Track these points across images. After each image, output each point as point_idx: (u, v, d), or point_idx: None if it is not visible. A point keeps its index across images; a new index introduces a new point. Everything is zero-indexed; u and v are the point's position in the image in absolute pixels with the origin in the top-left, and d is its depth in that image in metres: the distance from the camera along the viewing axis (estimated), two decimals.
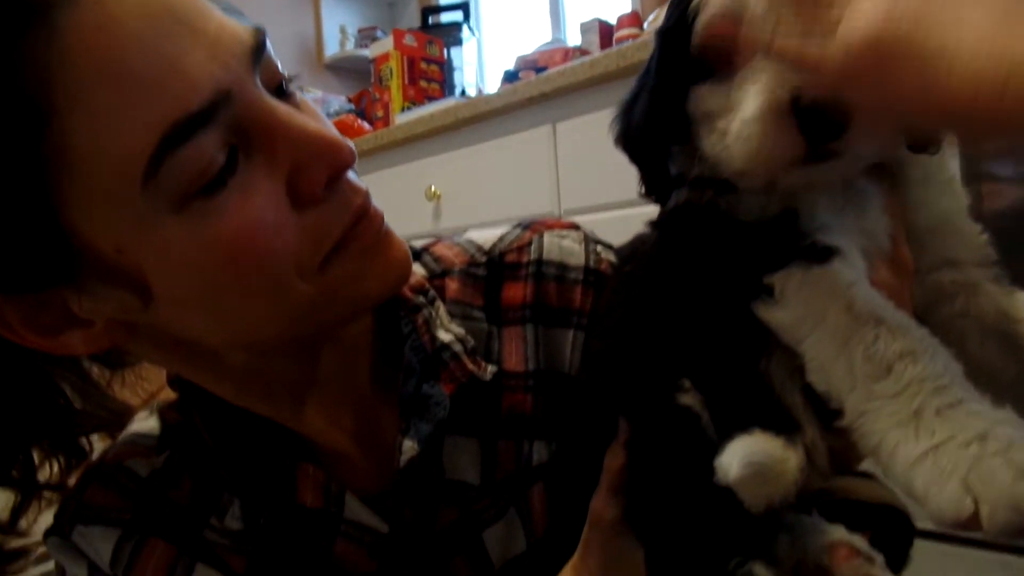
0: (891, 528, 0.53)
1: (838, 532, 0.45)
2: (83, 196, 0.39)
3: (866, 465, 0.53)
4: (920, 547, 1.08)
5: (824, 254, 0.42)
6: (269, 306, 0.46)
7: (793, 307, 0.42)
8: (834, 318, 0.40)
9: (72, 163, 0.38)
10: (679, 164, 0.51)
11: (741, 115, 0.41)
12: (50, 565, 0.61)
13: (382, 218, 0.50)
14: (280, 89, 0.46)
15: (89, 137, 0.38)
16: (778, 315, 0.43)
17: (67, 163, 0.38)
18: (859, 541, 0.44)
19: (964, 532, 0.32)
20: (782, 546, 0.45)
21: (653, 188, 0.53)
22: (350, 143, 0.47)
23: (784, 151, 0.40)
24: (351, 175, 0.48)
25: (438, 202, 2.00)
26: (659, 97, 0.49)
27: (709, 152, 0.46)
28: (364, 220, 0.48)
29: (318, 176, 0.45)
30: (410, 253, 0.53)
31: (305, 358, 0.55)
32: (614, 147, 0.54)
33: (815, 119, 0.38)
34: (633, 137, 0.51)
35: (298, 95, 0.48)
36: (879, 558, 0.43)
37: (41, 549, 0.58)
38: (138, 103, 0.38)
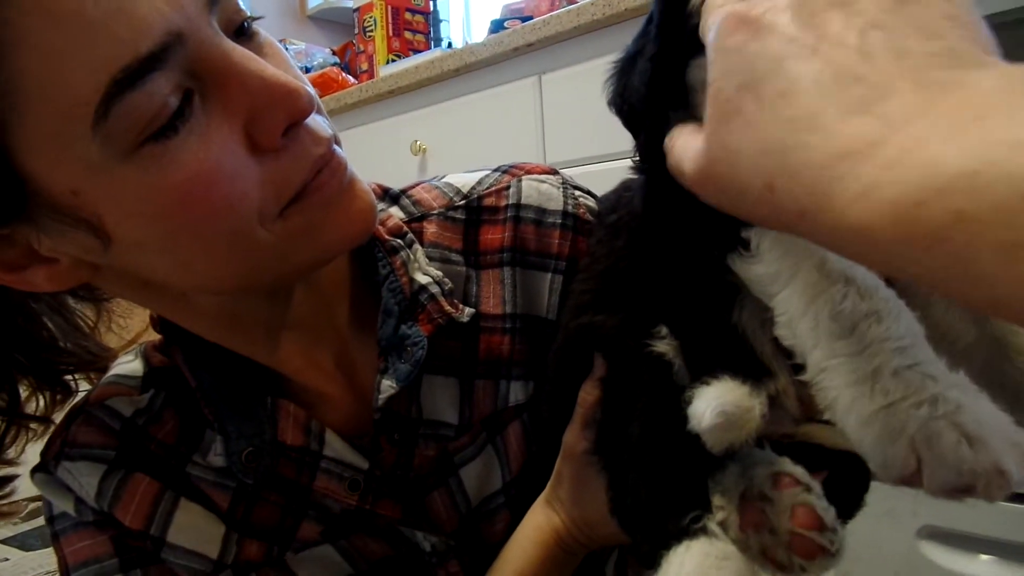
0: (849, 473, 0.55)
1: (784, 463, 0.46)
2: (34, 138, 0.39)
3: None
4: (892, 490, 1.12)
5: None
6: (229, 253, 0.45)
7: (767, 262, 0.43)
8: (805, 275, 0.40)
9: (21, 104, 0.37)
10: None
11: None
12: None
13: (345, 167, 0.49)
14: (241, 29, 0.45)
15: (37, 79, 0.37)
16: (752, 269, 0.44)
17: (16, 104, 0.37)
18: (800, 471, 0.45)
19: (907, 488, 0.34)
20: (731, 475, 0.46)
21: (649, 157, 0.53)
22: (311, 89, 0.46)
23: None
24: (315, 123, 0.47)
25: (423, 156, 1.98)
26: (660, 64, 0.48)
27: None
28: (326, 170, 0.47)
29: (275, 123, 0.44)
30: (375, 203, 0.52)
31: (278, 300, 0.55)
32: (600, 100, 0.53)
33: None
34: (630, 103, 0.50)
35: (262, 36, 0.47)
36: (817, 487, 0.45)
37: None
38: (86, 45, 0.37)
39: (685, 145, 0.36)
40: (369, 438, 0.59)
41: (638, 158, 0.53)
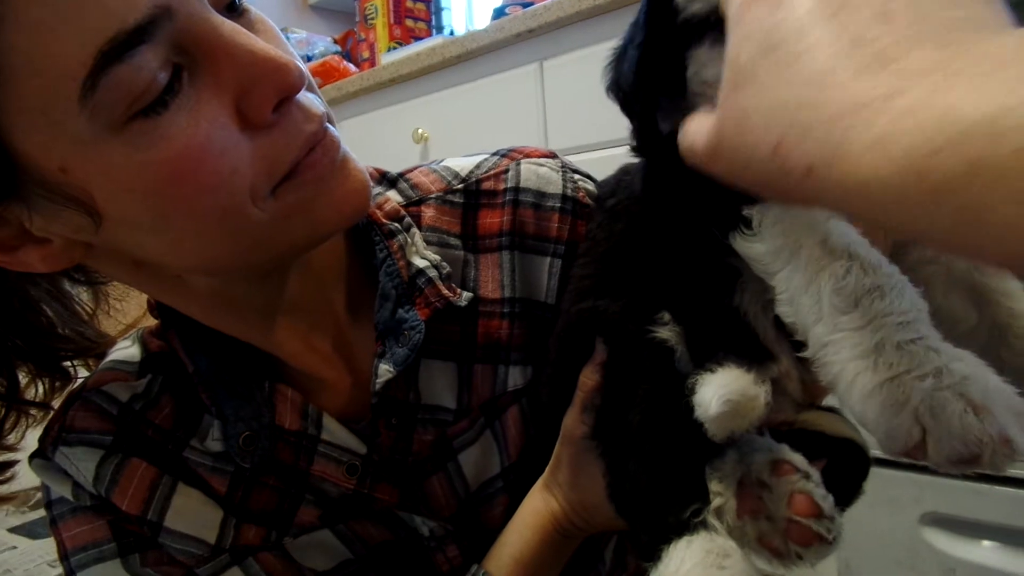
0: (848, 461, 0.54)
1: (783, 451, 0.46)
2: (21, 113, 0.38)
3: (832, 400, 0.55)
4: (895, 476, 1.11)
5: None
6: (221, 231, 0.45)
7: (769, 239, 0.43)
8: (808, 251, 0.40)
9: (8, 81, 0.37)
10: (670, 120, 0.51)
11: None
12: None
13: (339, 146, 0.49)
14: (232, 5, 0.44)
15: (25, 54, 0.37)
16: (754, 247, 0.43)
17: (2, 80, 0.37)
18: (799, 459, 0.45)
19: (910, 461, 0.33)
20: (729, 462, 0.46)
21: (643, 144, 0.52)
22: (302, 65, 0.45)
23: None
24: (307, 100, 0.47)
25: (425, 144, 1.97)
26: (647, 52, 0.48)
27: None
28: (319, 147, 0.47)
29: (264, 98, 0.43)
30: (369, 182, 0.51)
31: (273, 282, 0.55)
32: (601, 86, 0.53)
33: None
34: (623, 90, 0.50)
35: (253, 12, 0.46)
36: (816, 475, 0.44)
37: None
38: (73, 17, 0.36)
39: (698, 126, 0.36)
40: (367, 422, 0.59)
41: (633, 142, 0.53)
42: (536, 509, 0.59)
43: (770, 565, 0.46)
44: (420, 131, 1.95)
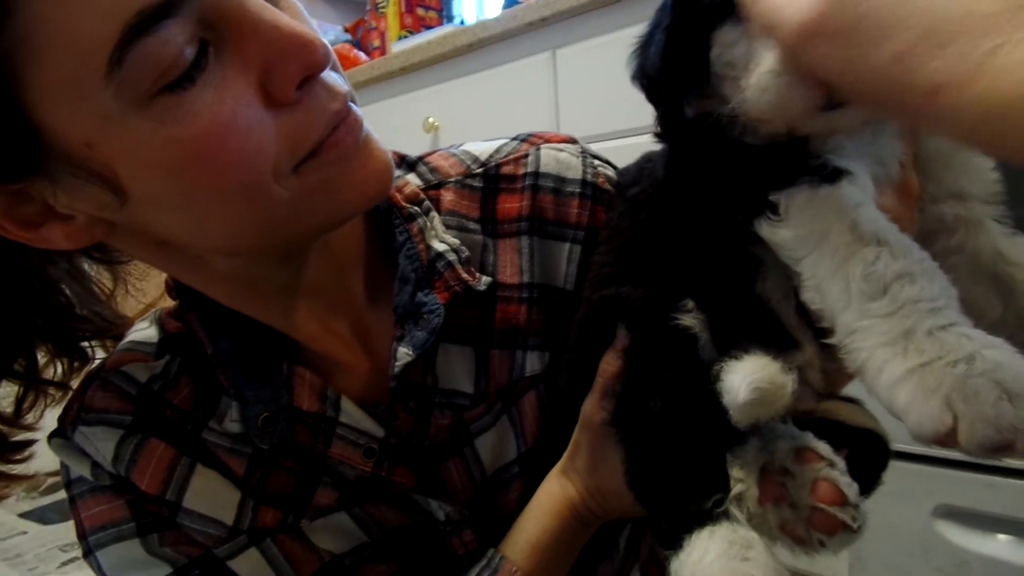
0: (868, 451, 0.54)
1: (807, 438, 0.46)
2: (48, 88, 0.38)
3: (851, 390, 0.54)
4: (908, 469, 1.11)
5: (834, 175, 0.42)
6: (245, 209, 0.45)
7: (796, 225, 0.42)
8: (837, 237, 0.40)
9: (35, 54, 0.37)
10: (696, 106, 0.50)
11: (759, 67, 0.41)
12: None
13: (361, 125, 0.49)
14: None
15: (52, 26, 0.37)
16: (780, 232, 0.43)
17: (30, 54, 0.37)
18: (823, 447, 0.45)
19: (941, 448, 0.33)
20: (751, 449, 0.46)
21: (668, 130, 0.52)
22: (326, 43, 0.45)
23: (802, 101, 0.39)
24: (331, 78, 0.47)
25: (436, 133, 1.96)
26: (674, 36, 0.48)
27: (731, 100, 0.45)
28: (342, 126, 0.47)
29: (289, 75, 0.43)
30: (392, 163, 0.51)
31: (293, 264, 0.55)
32: (615, 75, 0.53)
33: None
34: (649, 76, 0.50)
35: None
36: (840, 463, 0.44)
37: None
38: None
39: None
40: (385, 406, 0.58)
41: (659, 129, 0.53)
42: (553, 495, 0.59)
43: (792, 553, 0.45)
44: (431, 120, 1.95)
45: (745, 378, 0.42)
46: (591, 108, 1.58)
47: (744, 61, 0.43)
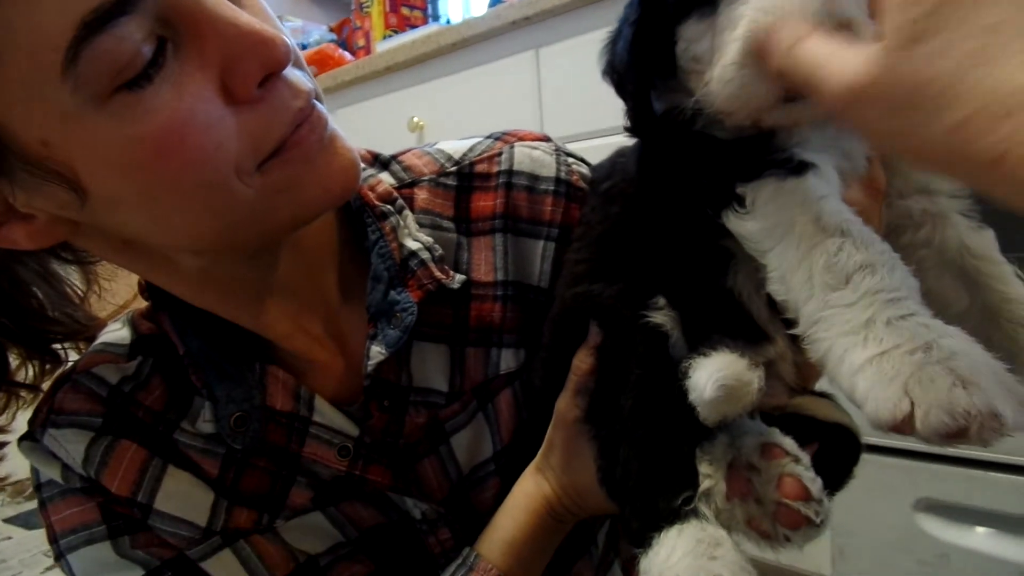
0: (839, 446, 0.55)
1: (773, 434, 0.46)
2: (3, 87, 0.38)
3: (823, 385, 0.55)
4: (890, 463, 1.12)
5: (800, 168, 0.43)
6: (206, 207, 0.45)
7: (762, 217, 0.43)
8: (801, 228, 0.40)
9: None
10: (663, 100, 0.51)
11: (722, 59, 0.41)
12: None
13: (326, 123, 0.48)
14: None
15: (7, 24, 0.36)
16: (747, 225, 0.43)
17: None
18: (789, 443, 0.45)
19: (898, 435, 0.33)
20: (719, 445, 0.46)
21: (638, 124, 0.52)
22: (289, 40, 0.45)
23: (763, 93, 0.40)
24: (294, 76, 0.46)
25: (421, 133, 1.96)
26: (641, 30, 0.48)
27: (696, 93, 0.45)
28: (305, 124, 0.46)
29: (249, 72, 0.43)
30: (359, 161, 0.51)
31: (263, 263, 0.54)
32: (598, 73, 0.53)
33: None
34: (617, 71, 0.50)
35: None
36: (805, 459, 0.45)
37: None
38: None
39: (847, 56, 0.30)
40: (359, 405, 0.58)
41: (628, 123, 0.53)
42: (528, 492, 0.59)
43: (759, 548, 0.46)
44: (416, 119, 1.94)
45: (711, 375, 0.42)
46: (574, 106, 1.59)
47: (708, 55, 0.44)
